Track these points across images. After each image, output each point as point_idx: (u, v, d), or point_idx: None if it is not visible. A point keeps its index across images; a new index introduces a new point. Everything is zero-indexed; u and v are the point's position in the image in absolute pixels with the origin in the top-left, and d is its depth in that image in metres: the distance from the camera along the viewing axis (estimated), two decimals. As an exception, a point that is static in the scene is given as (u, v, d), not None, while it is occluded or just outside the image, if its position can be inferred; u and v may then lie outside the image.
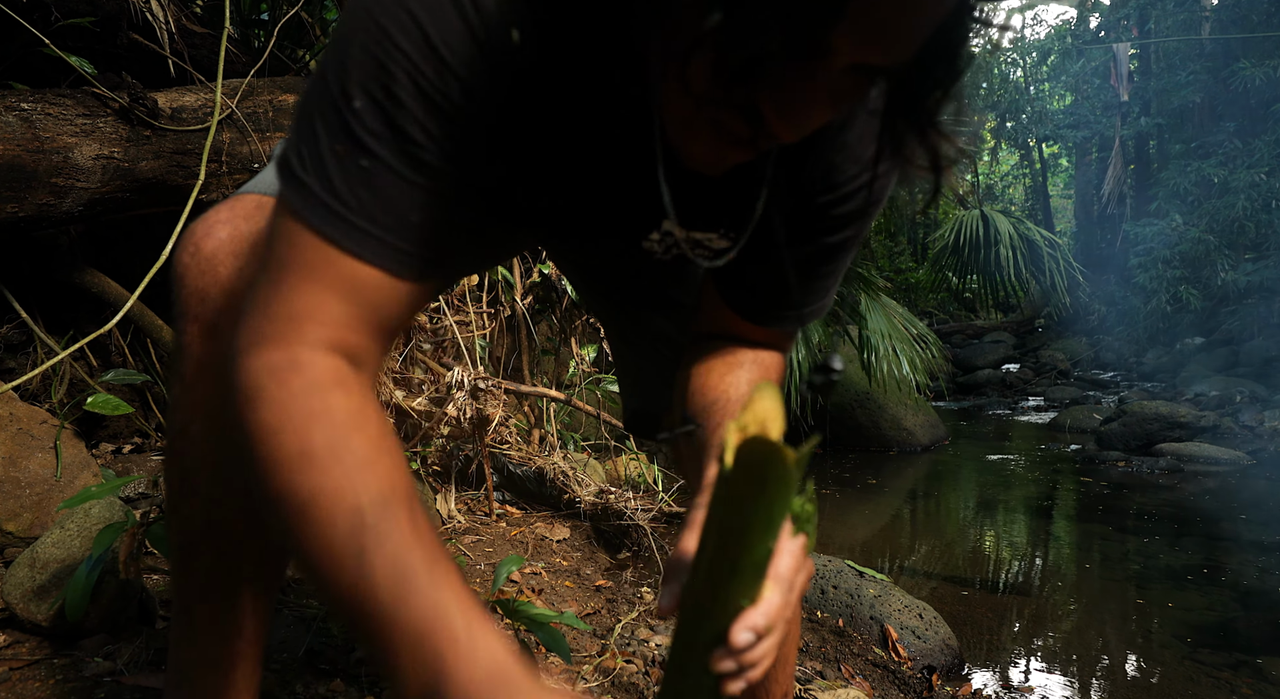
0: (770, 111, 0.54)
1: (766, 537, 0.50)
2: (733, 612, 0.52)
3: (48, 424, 1.78)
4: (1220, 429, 5.55)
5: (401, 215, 0.59)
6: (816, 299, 0.83)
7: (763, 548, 0.50)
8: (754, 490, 0.48)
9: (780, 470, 0.47)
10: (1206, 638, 2.24)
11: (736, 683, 0.52)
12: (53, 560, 1.22)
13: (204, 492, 0.73)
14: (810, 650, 1.89)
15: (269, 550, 0.79)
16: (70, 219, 1.88)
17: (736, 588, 0.51)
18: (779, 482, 0.48)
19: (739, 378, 0.82)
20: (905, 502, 4.07)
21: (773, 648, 0.53)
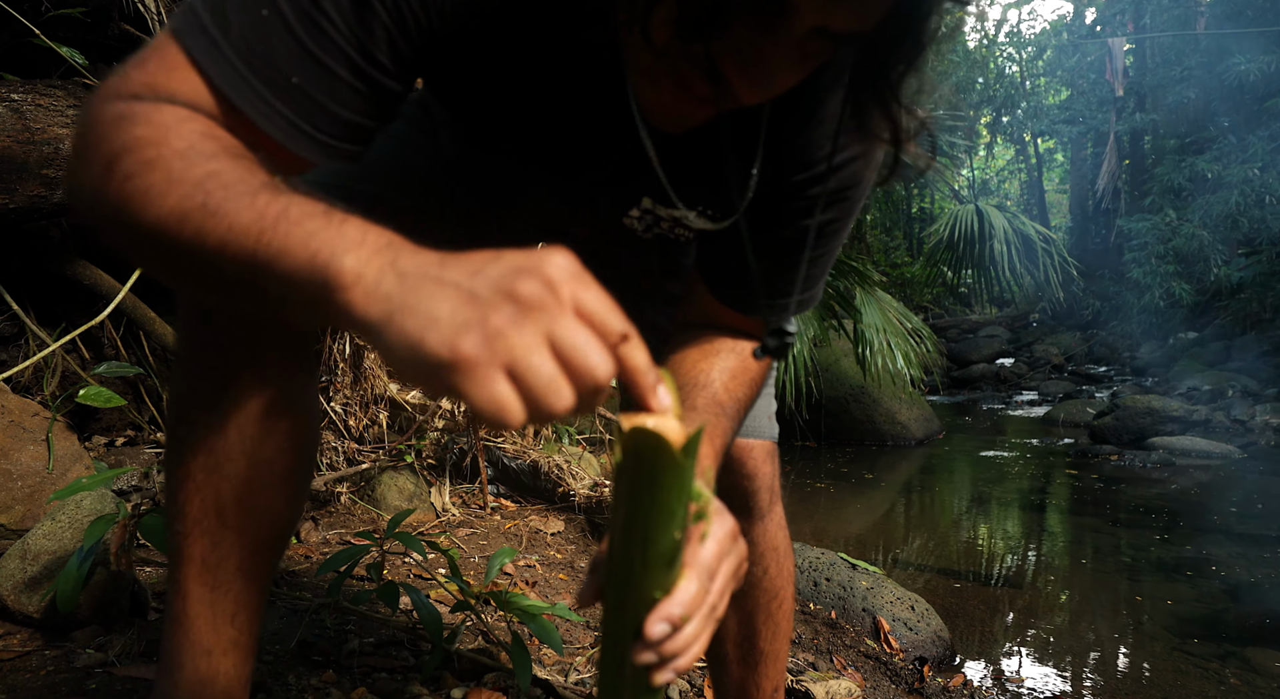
0: (731, 70, 0.54)
1: (668, 527, 0.49)
2: (648, 604, 0.51)
3: (40, 416, 1.77)
4: (1212, 423, 5.58)
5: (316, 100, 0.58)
6: (800, 289, 0.82)
7: (666, 539, 0.49)
8: (646, 481, 0.47)
9: (667, 459, 0.46)
10: (1196, 629, 2.25)
11: (663, 673, 0.52)
12: (44, 552, 1.22)
13: (199, 478, 0.74)
14: (803, 642, 1.90)
15: (262, 539, 0.79)
16: (62, 211, 1.87)
17: (647, 580, 0.51)
18: (668, 471, 0.47)
19: (714, 365, 0.82)
20: (899, 495, 4.09)
21: (696, 636, 0.52)
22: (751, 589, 1.02)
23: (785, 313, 0.83)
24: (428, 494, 2.60)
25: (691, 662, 0.53)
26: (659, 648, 0.51)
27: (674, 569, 0.51)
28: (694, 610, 0.52)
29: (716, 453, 0.75)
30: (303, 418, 0.80)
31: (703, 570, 0.53)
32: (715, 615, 0.56)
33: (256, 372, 0.74)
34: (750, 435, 0.98)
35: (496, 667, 1.33)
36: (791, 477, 4.30)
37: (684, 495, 0.48)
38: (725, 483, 0.98)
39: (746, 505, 0.99)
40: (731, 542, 0.58)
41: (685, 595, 0.51)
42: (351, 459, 2.56)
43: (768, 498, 1.00)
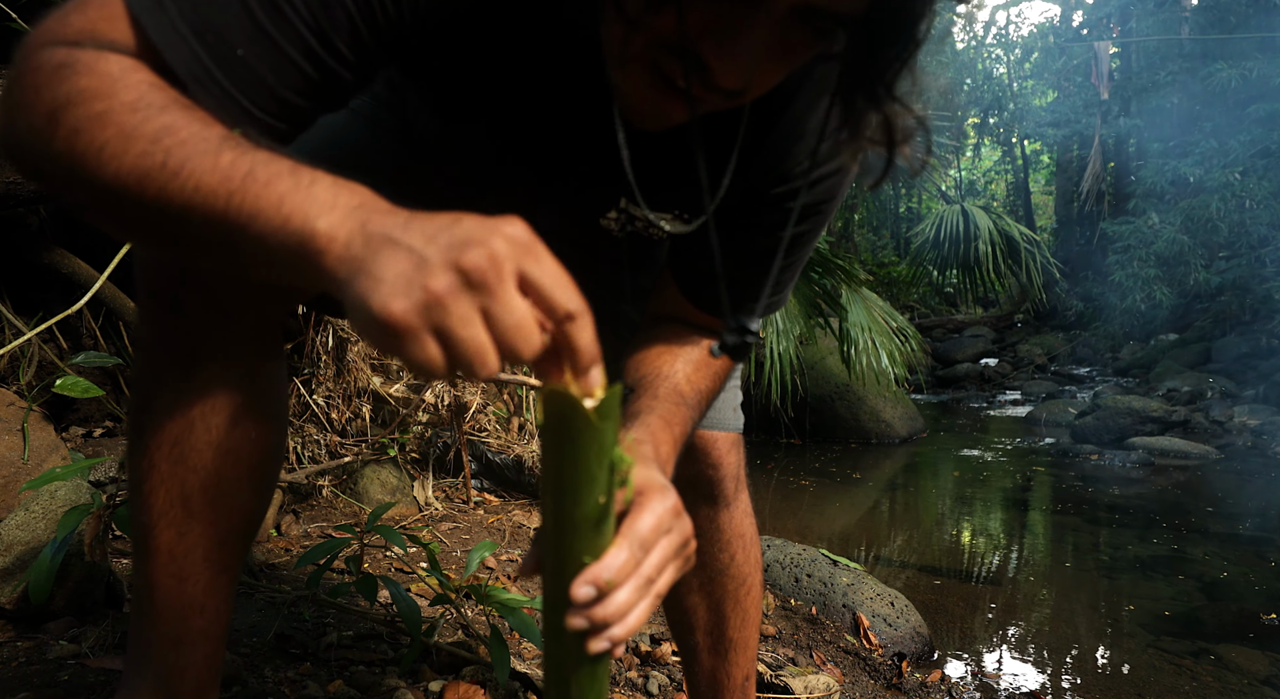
0: (708, 50, 0.52)
1: (590, 490, 0.49)
2: (577, 568, 0.52)
3: (15, 406, 1.75)
4: (1191, 424, 5.65)
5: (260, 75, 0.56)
6: (768, 293, 0.82)
7: (590, 501, 0.50)
8: (563, 444, 0.48)
9: (582, 422, 0.47)
10: (1171, 627, 2.28)
11: (598, 641, 0.52)
12: (17, 543, 1.20)
13: (164, 469, 0.73)
14: (783, 637, 1.90)
15: (230, 530, 0.78)
16: (39, 198, 1.84)
17: (575, 544, 0.51)
18: (585, 433, 0.47)
19: (677, 357, 0.83)
20: (882, 493, 4.11)
21: (630, 605, 0.52)
22: (719, 576, 1.03)
23: (753, 315, 0.84)
24: (411, 488, 2.59)
25: (627, 633, 0.53)
26: (589, 613, 0.51)
27: (602, 535, 0.52)
28: (622, 577, 0.52)
29: (676, 440, 0.75)
30: (271, 408, 0.79)
31: (634, 539, 0.53)
32: (655, 589, 0.55)
33: (223, 360, 0.72)
34: (715, 427, 0.99)
35: (475, 660, 1.33)
36: (775, 474, 4.32)
37: (603, 457, 0.49)
38: (690, 472, 0.99)
39: (712, 494, 1.00)
40: (673, 517, 0.58)
41: (614, 561, 0.52)
42: (334, 452, 2.55)
43: (733, 486, 1.01)
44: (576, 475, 0.49)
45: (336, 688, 1.19)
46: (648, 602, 0.54)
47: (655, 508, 0.56)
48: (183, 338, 0.71)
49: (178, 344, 0.71)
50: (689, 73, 0.55)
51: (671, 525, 0.57)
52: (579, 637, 0.52)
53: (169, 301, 0.70)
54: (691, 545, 0.60)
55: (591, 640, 0.52)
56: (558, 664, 0.54)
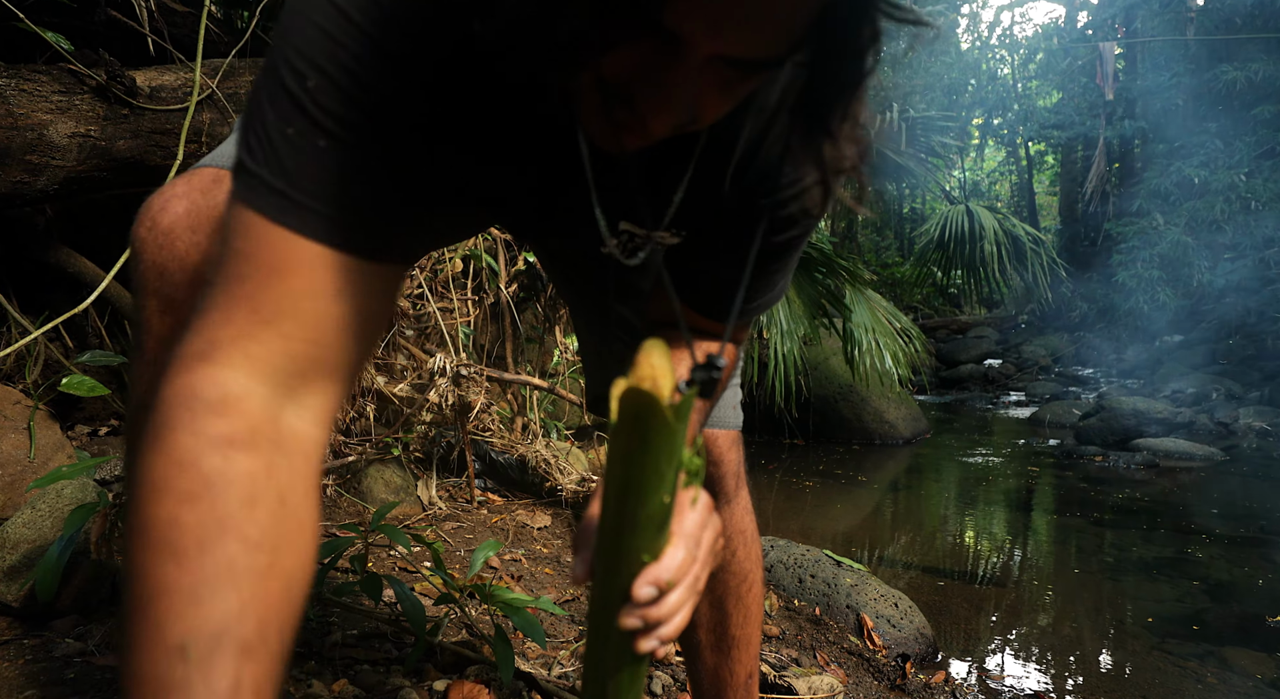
0: (639, 97, 0.52)
1: (659, 489, 0.50)
2: (636, 568, 0.52)
3: (21, 405, 1.76)
4: (1196, 425, 5.64)
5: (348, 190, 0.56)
6: (763, 293, 0.83)
7: (656, 501, 0.50)
8: (638, 443, 0.49)
9: (659, 421, 0.47)
10: (1176, 629, 2.28)
11: (648, 640, 0.52)
12: (23, 541, 1.21)
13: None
14: (786, 638, 1.90)
15: None
16: (46, 197, 1.85)
17: (637, 543, 0.52)
18: (659, 432, 0.48)
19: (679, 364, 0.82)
20: (886, 493, 4.11)
21: (681, 604, 0.53)
22: (720, 572, 1.04)
23: (747, 316, 0.84)
24: (414, 487, 2.59)
25: (675, 631, 0.53)
26: (644, 612, 0.51)
27: (662, 534, 0.52)
28: (681, 577, 0.53)
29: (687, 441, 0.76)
30: None
31: (689, 538, 0.54)
32: (698, 587, 0.56)
33: None
34: (716, 425, 1.00)
35: (479, 660, 1.33)
36: (779, 475, 4.32)
37: (674, 458, 0.49)
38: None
39: (713, 490, 1.01)
40: (709, 512, 0.58)
41: (673, 561, 0.52)
42: (337, 451, 2.55)
43: (734, 483, 1.02)
44: (646, 475, 0.49)
45: (341, 687, 1.19)
46: (694, 601, 0.55)
47: (697, 504, 0.57)
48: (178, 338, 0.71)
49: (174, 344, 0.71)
50: (626, 115, 0.54)
51: (709, 521, 0.58)
52: (627, 636, 0.52)
53: (168, 301, 0.71)
54: (722, 542, 0.61)
55: (641, 639, 0.52)
56: (599, 664, 0.55)
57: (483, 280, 3.16)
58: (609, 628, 0.53)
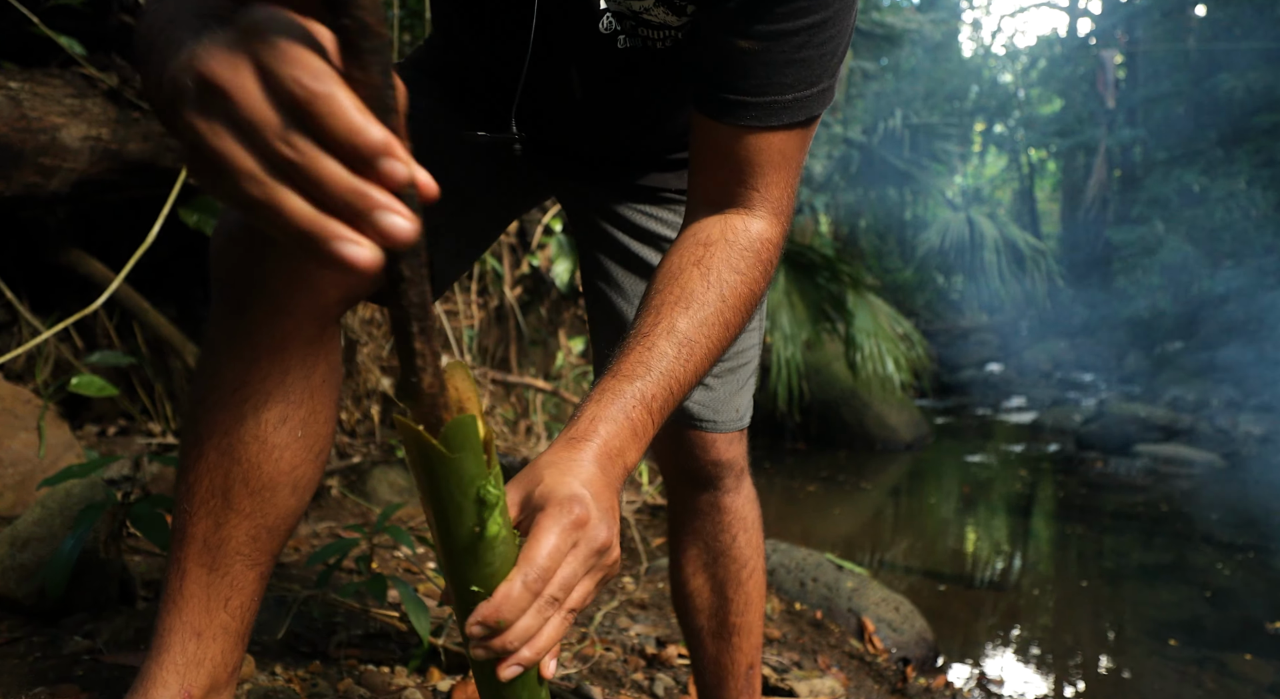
0: None
1: (460, 520, 0.48)
2: (466, 599, 0.50)
3: (32, 404, 1.77)
4: (1196, 432, 5.64)
5: None
6: (777, 84, 0.72)
7: (463, 531, 0.48)
8: (424, 475, 0.47)
9: (434, 454, 0.45)
10: (1175, 634, 2.28)
11: (506, 668, 0.51)
12: (33, 539, 1.22)
13: (211, 458, 0.75)
14: (788, 641, 1.91)
15: (264, 526, 0.80)
16: (58, 199, 1.87)
17: (458, 574, 0.50)
18: (439, 465, 0.46)
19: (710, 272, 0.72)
20: (887, 498, 4.12)
21: (530, 630, 0.51)
22: (720, 557, 1.05)
23: (778, 113, 0.73)
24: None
25: (539, 653, 0.52)
26: (488, 644, 0.50)
27: (487, 563, 0.50)
28: (513, 612, 0.50)
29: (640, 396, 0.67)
30: (321, 409, 0.81)
31: (530, 568, 0.52)
32: (567, 606, 0.54)
33: (281, 362, 0.76)
34: (721, 428, 1.00)
35: (484, 659, 1.34)
36: (780, 479, 4.33)
37: (466, 488, 0.47)
38: (691, 466, 1.01)
39: (714, 481, 1.02)
40: (574, 532, 0.54)
41: (499, 595, 0.50)
42: (343, 452, 2.56)
43: (735, 475, 1.03)
44: (443, 507, 0.48)
45: (346, 687, 1.21)
46: (558, 620, 0.53)
47: (552, 527, 0.53)
48: (246, 338, 0.74)
49: (238, 344, 0.74)
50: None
51: (576, 539, 0.54)
52: (494, 663, 0.51)
53: (236, 306, 0.73)
54: (612, 553, 0.57)
55: (501, 667, 0.51)
56: (486, 686, 0.54)
57: (487, 283, 3.18)
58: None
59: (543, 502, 0.55)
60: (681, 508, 1.06)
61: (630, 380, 0.66)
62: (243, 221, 0.75)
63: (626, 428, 0.64)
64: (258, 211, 0.37)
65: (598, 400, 0.65)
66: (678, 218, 1.00)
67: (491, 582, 0.50)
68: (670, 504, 1.09)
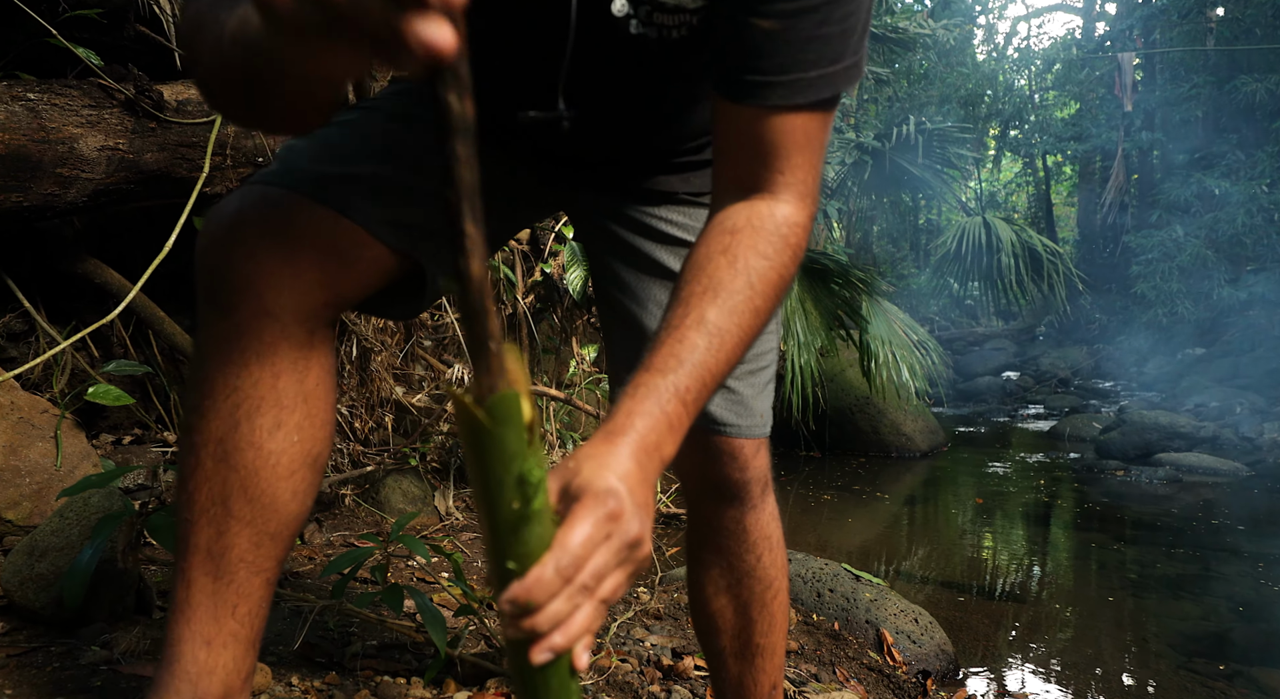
0: None
1: (501, 495, 0.49)
2: (503, 575, 0.51)
3: (48, 413, 1.78)
4: (1220, 440, 5.55)
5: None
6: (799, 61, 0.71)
7: (504, 507, 0.49)
8: (470, 448, 0.48)
9: (477, 425, 0.47)
10: (1202, 648, 2.24)
11: (538, 651, 0.51)
12: (51, 549, 1.22)
13: (208, 466, 0.75)
14: (805, 653, 1.89)
15: (267, 532, 0.79)
16: (75, 209, 1.88)
17: (498, 550, 0.51)
18: (483, 437, 0.47)
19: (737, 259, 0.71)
20: (903, 507, 4.07)
21: (564, 614, 0.52)
22: (745, 578, 1.03)
23: (802, 91, 0.72)
24: (432, 498, 2.60)
25: (570, 641, 0.52)
26: (520, 624, 0.51)
27: (526, 543, 0.51)
28: (543, 594, 0.51)
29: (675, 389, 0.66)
30: (316, 414, 0.81)
31: (563, 553, 0.52)
32: (599, 596, 0.54)
33: (270, 366, 0.75)
34: (745, 434, 0.98)
35: (499, 672, 1.33)
36: (795, 487, 4.29)
37: (509, 464, 0.48)
38: (717, 476, 0.98)
39: (738, 496, 0.99)
40: (608, 523, 0.55)
41: (532, 576, 0.51)
42: (356, 461, 2.56)
43: (760, 489, 1.01)
44: (486, 480, 0.49)
45: (363, 698, 1.20)
46: (589, 608, 0.53)
47: (587, 517, 0.54)
48: (232, 342, 0.74)
49: (227, 348, 0.74)
50: None
51: (610, 531, 0.55)
52: (526, 645, 0.52)
53: (222, 309, 0.73)
54: (643, 548, 0.58)
55: (533, 650, 0.51)
56: (519, 671, 0.54)
57: (500, 291, 3.18)
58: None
59: (579, 493, 0.56)
60: (704, 525, 1.03)
61: (663, 374, 0.66)
62: (228, 223, 0.75)
63: (662, 421, 0.64)
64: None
65: (632, 395, 0.65)
66: (686, 218, 0.99)
67: (527, 562, 0.51)
68: (691, 522, 1.07)
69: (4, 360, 2.06)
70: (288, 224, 0.77)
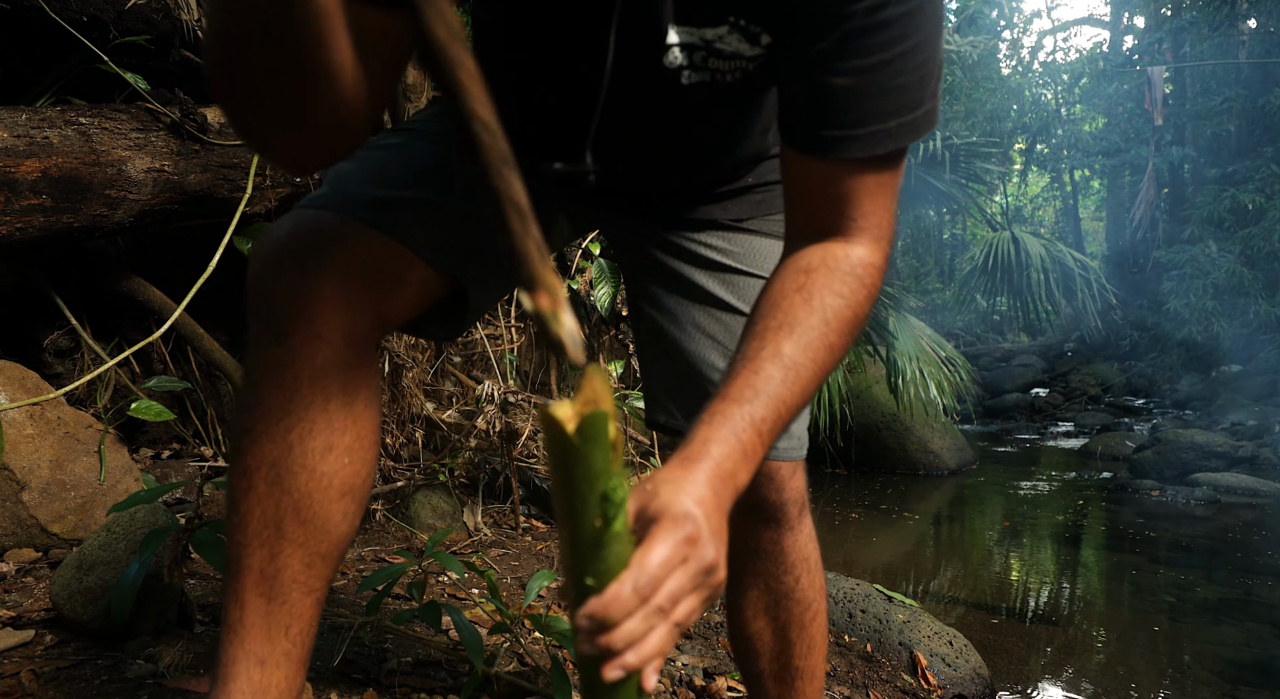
0: None
1: (584, 512, 0.50)
2: (582, 591, 0.52)
3: (92, 428, 1.82)
4: (1259, 460, 5.42)
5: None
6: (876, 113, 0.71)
7: (586, 524, 0.50)
8: (556, 465, 0.49)
9: (566, 442, 0.48)
10: (1245, 675, 2.18)
11: (610, 668, 0.51)
12: (99, 563, 1.25)
13: (261, 490, 0.76)
14: (838, 675, 1.87)
15: (319, 553, 0.81)
16: (121, 230, 1.93)
17: (577, 565, 0.52)
18: (570, 454, 0.48)
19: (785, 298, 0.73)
20: (931, 525, 4.02)
21: (638, 635, 0.52)
22: (784, 600, 1.02)
23: (880, 142, 0.72)
24: (460, 513, 2.61)
25: (642, 660, 0.52)
26: (594, 640, 0.51)
27: (605, 560, 0.52)
28: (619, 612, 0.51)
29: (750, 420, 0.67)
30: (364, 435, 0.82)
31: (640, 573, 0.53)
32: (673, 618, 0.54)
33: (322, 389, 0.77)
34: (782, 456, 0.98)
35: (535, 690, 1.33)
36: (820, 505, 4.26)
37: (593, 481, 0.49)
38: (754, 497, 0.98)
39: (775, 517, 0.99)
40: (686, 547, 0.55)
41: (609, 593, 0.51)
42: (387, 476, 2.59)
43: (797, 510, 1.01)
44: (570, 497, 0.50)
45: (399, 715, 1.20)
46: (664, 630, 0.54)
47: (665, 539, 0.54)
48: (287, 366, 0.75)
49: (279, 373, 0.75)
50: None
51: (686, 555, 0.55)
52: (599, 662, 0.52)
53: (274, 333, 0.74)
54: (719, 574, 0.59)
55: (606, 667, 0.52)
56: (588, 688, 0.55)
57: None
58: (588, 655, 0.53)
59: (657, 515, 0.56)
60: (742, 547, 1.02)
61: (739, 403, 0.67)
62: (281, 247, 0.77)
63: (738, 450, 0.65)
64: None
65: (709, 423, 0.66)
66: (727, 243, 1.00)
67: (605, 578, 0.52)
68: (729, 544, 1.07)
69: (51, 376, 2.12)
70: (340, 248, 0.78)
